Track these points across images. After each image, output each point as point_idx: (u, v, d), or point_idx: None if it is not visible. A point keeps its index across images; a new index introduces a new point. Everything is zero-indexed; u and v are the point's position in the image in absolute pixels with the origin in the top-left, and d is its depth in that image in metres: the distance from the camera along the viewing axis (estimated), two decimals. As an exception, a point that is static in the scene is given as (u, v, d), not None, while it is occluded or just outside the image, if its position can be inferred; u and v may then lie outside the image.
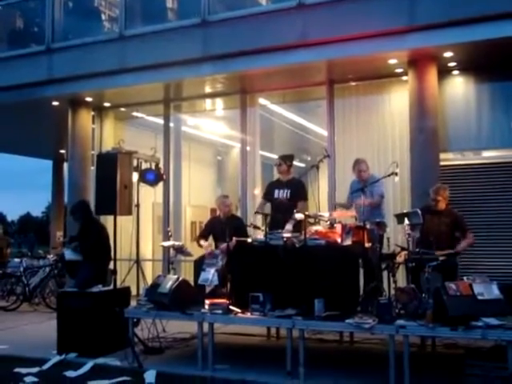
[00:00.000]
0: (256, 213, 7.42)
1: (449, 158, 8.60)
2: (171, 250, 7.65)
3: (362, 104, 9.29)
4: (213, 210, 8.45)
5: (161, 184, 8.45)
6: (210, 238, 7.63)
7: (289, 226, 6.44)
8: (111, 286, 6.90)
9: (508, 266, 8.04)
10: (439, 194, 6.69)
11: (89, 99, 10.56)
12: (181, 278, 6.39)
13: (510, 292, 5.35)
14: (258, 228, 6.91)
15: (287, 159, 7.45)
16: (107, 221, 8.48)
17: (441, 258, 5.85)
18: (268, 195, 7.54)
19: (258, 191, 7.87)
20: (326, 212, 7.52)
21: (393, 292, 5.66)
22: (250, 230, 7.39)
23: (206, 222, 8.03)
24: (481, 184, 8.38)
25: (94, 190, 7.02)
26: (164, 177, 8.24)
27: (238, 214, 9.32)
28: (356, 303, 5.71)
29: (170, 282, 6.25)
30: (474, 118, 8.60)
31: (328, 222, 6.47)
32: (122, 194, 6.62)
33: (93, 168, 9.99)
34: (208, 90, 10.01)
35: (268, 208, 7.54)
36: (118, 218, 6.76)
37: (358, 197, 6.62)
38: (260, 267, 6.00)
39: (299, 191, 7.23)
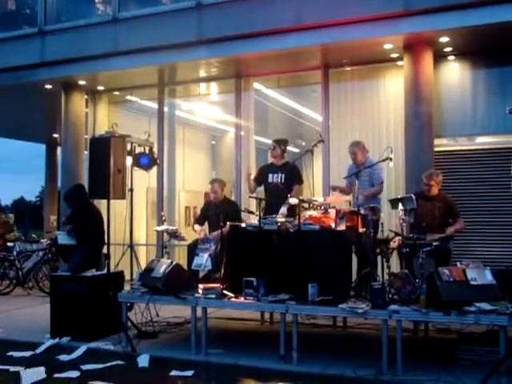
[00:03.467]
0: (250, 197, 7.42)
1: (443, 144, 8.58)
2: (165, 235, 7.65)
3: (356, 89, 9.24)
4: (207, 195, 8.42)
5: (155, 168, 8.40)
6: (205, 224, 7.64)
7: (283, 209, 6.43)
8: (105, 271, 6.87)
9: (501, 251, 8.07)
10: (432, 179, 6.70)
11: (82, 82, 10.46)
12: (174, 263, 6.38)
13: (502, 277, 5.37)
14: (252, 213, 6.90)
15: (281, 143, 7.45)
16: (101, 205, 8.45)
17: (434, 244, 5.86)
18: (261, 179, 7.52)
19: (253, 176, 7.83)
20: (321, 197, 7.51)
21: (386, 277, 5.67)
22: (243, 215, 7.39)
23: (202, 206, 8.03)
24: (474, 170, 8.39)
25: (88, 174, 6.97)
26: (158, 161, 8.19)
27: (232, 198, 9.30)
28: (349, 288, 5.72)
29: (163, 267, 6.24)
30: (468, 104, 8.57)
31: (322, 207, 6.45)
32: (116, 178, 6.56)
33: (86, 152, 9.94)
34: (202, 74, 9.93)
35: (261, 192, 7.54)
36: (112, 202, 6.71)
37: (352, 181, 6.59)
38: (254, 252, 5.98)
39: (294, 175, 7.23)
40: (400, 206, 5.91)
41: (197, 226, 7.58)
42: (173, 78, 10.48)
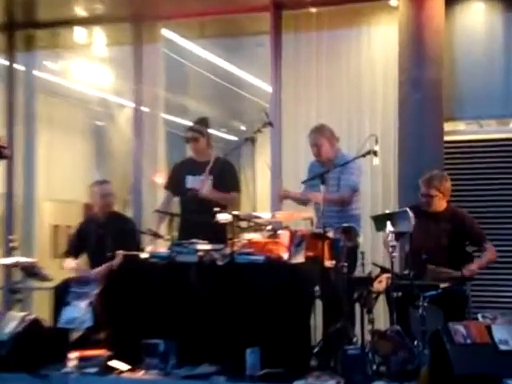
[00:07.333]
0: (156, 211, 7.43)
1: (459, 131, 8.74)
2: (16, 272, 7.55)
3: (325, 43, 9.34)
4: (88, 207, 8.39)
5: (1, 164, 8.31)
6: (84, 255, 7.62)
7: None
8: None
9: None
10: (433, 186, 6.76)
11: None
12: (30, 317, 6.34)
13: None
14: (159, 236, 6.92)
15: (204, 126, 7.48)
16: None
17: (442, 286, 5.99)
18: (175, 184, 7.55)
19: (161, 178, 7.85)
20: (267, 211, 7.56)
21: (368, 337, 5.75)
22: (145, 239, 7.39)
23: (76, 227, 7.97)
24: (507, 170, 8.50)
25: None
26: (6, 152, 8.09)
27: (129, 213, 9.26)
28: (310, 355, 5.78)
29: (11, 324, 6.20)
30: (499, 68, 8.68)
31: (269, 227, 6.51)
32: None
33: None
34: (80, 11, 9.87)
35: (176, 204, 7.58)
36: None
37: (316, 187, 6.67)
38: (160, 298, 6.04)
39: (226, 178, 7.32)
40: (389, 227, 5.98)
41: (68, 261, 7.51)
42: (31, 17, 10.36)
